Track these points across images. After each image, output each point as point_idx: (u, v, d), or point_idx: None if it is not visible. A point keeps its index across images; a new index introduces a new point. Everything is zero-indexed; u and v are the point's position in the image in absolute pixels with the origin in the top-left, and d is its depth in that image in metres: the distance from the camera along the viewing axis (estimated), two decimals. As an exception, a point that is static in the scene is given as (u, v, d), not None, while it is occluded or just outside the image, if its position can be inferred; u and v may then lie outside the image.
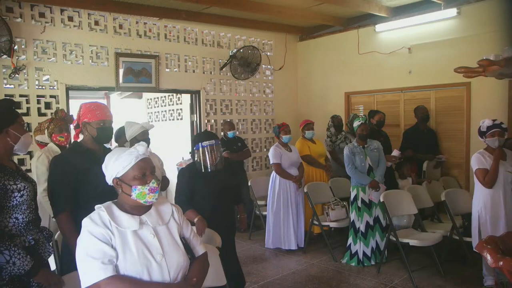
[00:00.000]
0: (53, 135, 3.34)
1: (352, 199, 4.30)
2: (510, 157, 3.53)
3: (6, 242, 1.80)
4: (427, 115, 5.29)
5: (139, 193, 1.61)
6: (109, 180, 1.67)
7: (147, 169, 1.66)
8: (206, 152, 2.88)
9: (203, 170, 2.90)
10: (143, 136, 3.48)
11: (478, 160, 3.50)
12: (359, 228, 4.25)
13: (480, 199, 3.52)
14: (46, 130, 3.37)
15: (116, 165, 1.63)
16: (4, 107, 2.01)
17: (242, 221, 3.34)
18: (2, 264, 1.76)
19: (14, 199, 1.89)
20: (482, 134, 3.52)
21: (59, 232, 2.56)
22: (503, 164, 3.45)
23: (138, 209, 1.65)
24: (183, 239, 1.74)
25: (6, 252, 1.76)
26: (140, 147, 1.66)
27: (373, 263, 4.26)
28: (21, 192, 1.91)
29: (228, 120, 6.09)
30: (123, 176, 1.63)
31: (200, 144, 2.91)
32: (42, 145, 3.47)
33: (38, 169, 3.16)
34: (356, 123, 4.36)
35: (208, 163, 2.89)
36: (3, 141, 1.94)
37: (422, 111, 5.27)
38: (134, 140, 3.31)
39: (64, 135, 3.36)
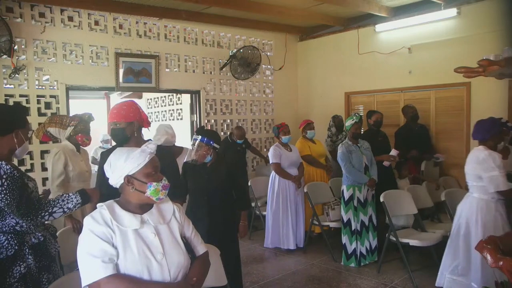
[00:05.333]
0: (80, 135, 3.37)
1: (347, 199, 4.26)
2: None
3: (50, 202, 2.01)
4: (417, 114, 5.23)
5: (154, 189, 1.62)
6: (117, 178, 1.65)
7: (158, 167, 1.69)
8: (193, 146, 2.99)
9: (185, 159, 3.06)
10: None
11: None
12: (355, 228, 4.25)
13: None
14: (70, 127, 3.33)
15: (128, 163, 1.62)
16: (19, 110, 2.13)
17: (240, 228, 3.21)
18: (62, 215, 2.04)
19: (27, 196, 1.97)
20: None
21: (60, 230, 2.62)
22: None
23: (142, 208, 1.67)
24: (184, 238, 1.75)
25: (56, 208, 1.99)
26: (151, 145, 1.68)
27: (367, 262, 4.29)
28: (31, 189, 2.00)
29: (239, 125, 6.07)
30: (136, 173, 1.63)
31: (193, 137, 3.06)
32: (48, 137, 3.40)
33: (54, 165, 3.21)
34: (349, 122, 4.34)
35: (191, 156, 2.98)
36: (10, 142, 2.00)
37: (411, 110, 5.23)
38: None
39: (89, 138, 3.46)
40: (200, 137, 2.95)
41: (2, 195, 1.82)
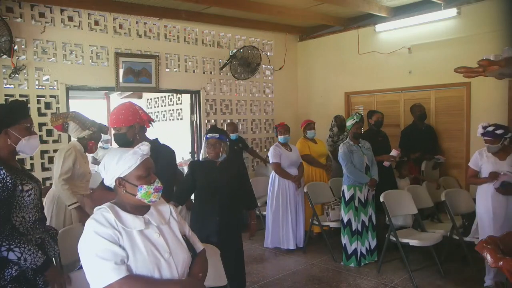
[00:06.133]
0: (93, 141, 3.51)
1: (348, 199, 4.26)
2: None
3: (16, 240, 1.83)
4: (424, 113, 5.24)
5: (145, 192, 1.61)
6: (110, 180, 1.64)
7: (151, 169, 1.67)
8: (209, 144, 2.99)
9: (201, 159, 3.09)
10: None
11: (474, 159, 3.70)
12: (356, 228, 4.24)
13: (482, 195, 3.63)
14: (89, 131, 3.45)
15: (120, 165, 1.61)
16: (7, 108, 2.07)
17: (252, 226, 3.26)
18: (14, 260, 1.82)
19: (22, 199, 1.93)
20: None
21: (60, 231, 2.60)
22: (503, 164, 3.48)
23: (140, 209, 1.66)
24: (184, 237, 1.76)
25: (17, 250, 1.81)
26: (144, 147, 1.66)
27: (367, 262, 4.29)
28: (29, 192, 1.95)
29: (230, 121, 6.08)
30: (127, 176, 1.62)
31: (206, 136, 3.04)
32: (62, 128, 3.47)
33: (65, 160, 3.27)
34: (350, 122, 4.34)
35: (208, 154, 3.00)
36: (4, 141, 1.97)
37: (419, 109, 5.24)
38: None
39: (96, 147, 3.62)
40: (218, 135, 2.98)
41: None
